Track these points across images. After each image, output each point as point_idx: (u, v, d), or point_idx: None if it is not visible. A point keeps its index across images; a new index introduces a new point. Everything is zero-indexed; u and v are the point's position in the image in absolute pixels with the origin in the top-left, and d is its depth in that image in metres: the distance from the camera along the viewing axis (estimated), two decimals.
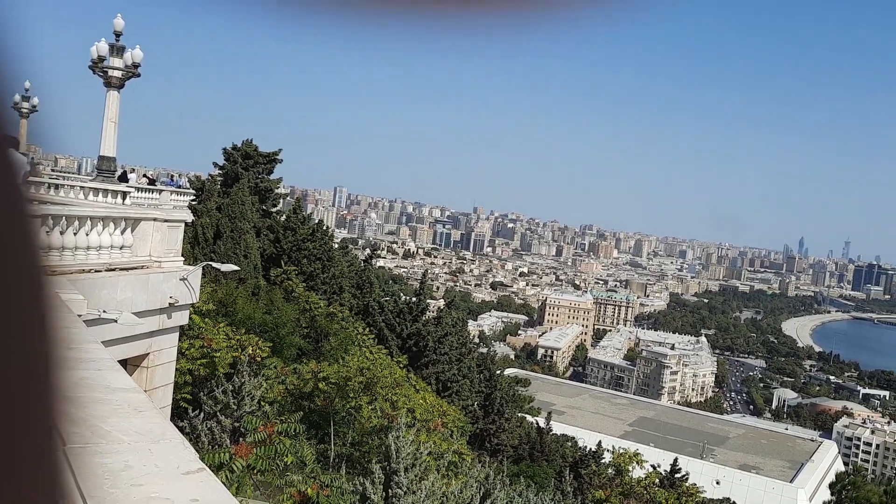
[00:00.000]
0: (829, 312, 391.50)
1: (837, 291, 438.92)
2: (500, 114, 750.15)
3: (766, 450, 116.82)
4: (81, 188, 26.10)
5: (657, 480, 37.35)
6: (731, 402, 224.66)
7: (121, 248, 14.65)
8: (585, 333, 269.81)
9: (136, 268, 14.92)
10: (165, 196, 34.87)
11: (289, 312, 28.97)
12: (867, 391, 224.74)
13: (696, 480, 44.32)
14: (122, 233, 14.75)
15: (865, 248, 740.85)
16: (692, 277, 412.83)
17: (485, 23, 0.85)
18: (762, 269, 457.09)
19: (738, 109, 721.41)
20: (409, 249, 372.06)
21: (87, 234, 13.70)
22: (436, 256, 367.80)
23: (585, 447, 49.51)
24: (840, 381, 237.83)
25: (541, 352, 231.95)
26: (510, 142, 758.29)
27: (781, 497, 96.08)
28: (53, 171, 48.63)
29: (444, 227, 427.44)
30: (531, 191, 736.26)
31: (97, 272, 13.67)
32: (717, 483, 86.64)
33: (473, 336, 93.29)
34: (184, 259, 17.10)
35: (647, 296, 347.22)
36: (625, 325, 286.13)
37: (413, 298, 46.46)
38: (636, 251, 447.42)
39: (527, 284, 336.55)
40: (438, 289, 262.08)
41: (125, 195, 26.15)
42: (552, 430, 51.31)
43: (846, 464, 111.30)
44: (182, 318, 16.69)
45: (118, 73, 26.54)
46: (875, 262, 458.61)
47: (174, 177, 56.90)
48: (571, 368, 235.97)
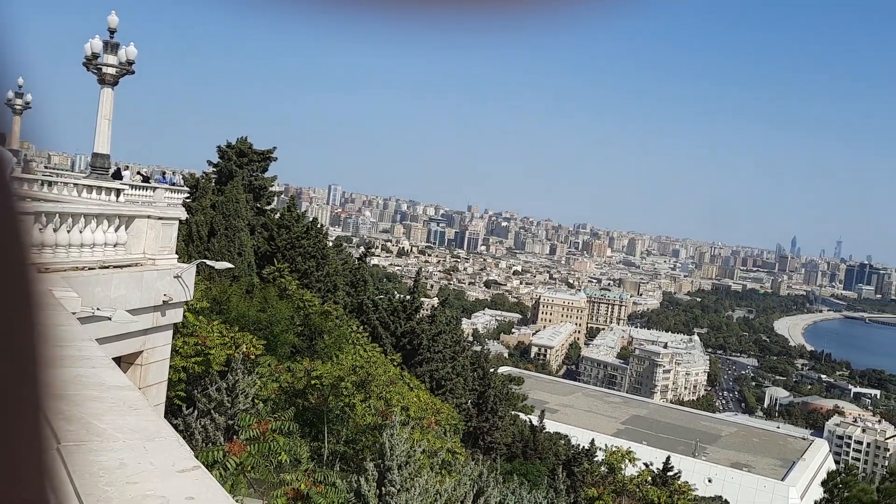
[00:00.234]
0: (821, 311, 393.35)
1: (829, 291, 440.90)
2: (495, 112, 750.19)
3: (758, 448, 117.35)
4: (75, 185, 25.95)
5: (650, 478, 37.60)
6: (724, 401, 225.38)
7: (115, 246, 14.63)
8: (579, 332, 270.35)
9: (130, 265, 14.90)
10: (160, 193, 34.74)
11: (283, 310, 28.97)
12: (858, 390, 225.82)
13: (689, 478, 44.47)
14: (116, 230, 14.73)
15: (857, 248, 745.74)
16: (685, 276, 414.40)
17: (480, 20, 0.85)
18: (755, 269, 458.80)
19: (733, 109, 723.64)
20: (404, 248, 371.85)
21: (81, 232, 13.68)
22: (430, 255, 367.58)
23: (578, 445, 49.62)
24: (832, 380, 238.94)
25: (534, 350, 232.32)
26: (504, 140, 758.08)
27: (773, 495, 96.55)
28: (47, 168, 48.38)
29: (439, 226, 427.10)
30: (525, 190, 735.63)
31: (91, 269, 13.65)
32: (709, 481, 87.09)
33: (467, 334, 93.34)
34: (178, 256, 17.08)
35: (641, 294, 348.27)
36: (618, 324, 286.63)
37: (407, 297, 46.54)
38: (629, 250, 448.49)
39: (520, 283, 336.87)
40: (432, 287, 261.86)
41: (119, 192, 26.03)
42: (545, 429, 51.50)
43: (837, 462, 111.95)
44: (176, 316, 16.69)
45: (112, 70, 26.39)
46: (867, 262, 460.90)
47: (167, 174, 56.74)
48: (565, 367, 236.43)
